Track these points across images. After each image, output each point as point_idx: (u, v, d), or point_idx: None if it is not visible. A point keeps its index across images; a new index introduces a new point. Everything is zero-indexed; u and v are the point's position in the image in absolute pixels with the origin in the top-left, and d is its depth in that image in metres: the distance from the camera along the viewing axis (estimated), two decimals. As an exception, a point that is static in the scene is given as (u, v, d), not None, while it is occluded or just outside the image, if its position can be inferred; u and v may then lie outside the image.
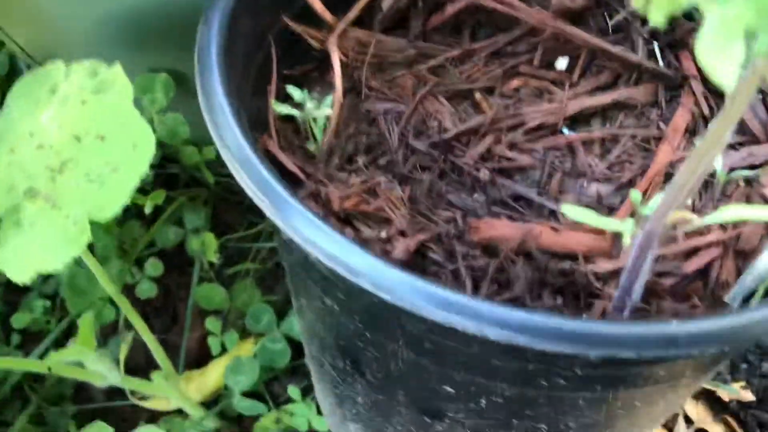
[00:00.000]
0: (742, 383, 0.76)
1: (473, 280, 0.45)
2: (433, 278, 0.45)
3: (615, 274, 0.45)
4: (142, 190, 0.84)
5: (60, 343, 0.82)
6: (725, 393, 0.76)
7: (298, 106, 0.49)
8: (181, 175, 0.90)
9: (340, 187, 0.49)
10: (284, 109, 0.49)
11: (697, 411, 0.76)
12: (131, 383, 0.66)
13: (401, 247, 0.46)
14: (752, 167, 0.50)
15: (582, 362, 0.36)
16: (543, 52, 0.58)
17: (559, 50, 0.58)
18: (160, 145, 0.76)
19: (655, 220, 0.39)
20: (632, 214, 0.43)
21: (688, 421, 0.76)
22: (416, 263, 0.47)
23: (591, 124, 0.55)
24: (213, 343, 0.81)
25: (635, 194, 0.42)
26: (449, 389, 0.44)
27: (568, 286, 0.46)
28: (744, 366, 0.78)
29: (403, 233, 0.47)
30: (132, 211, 0.88)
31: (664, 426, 0.75)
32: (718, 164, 0.46)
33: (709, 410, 0.76)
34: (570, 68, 0.58)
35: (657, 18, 0.25)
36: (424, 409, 0.49)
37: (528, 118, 0.55)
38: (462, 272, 0.46)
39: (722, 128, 0.34)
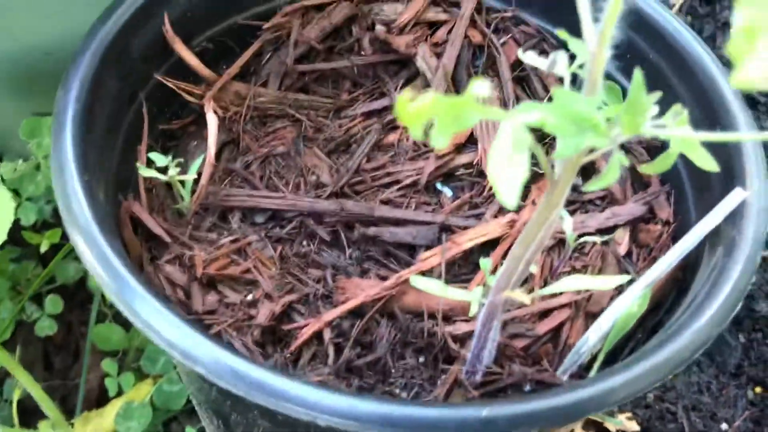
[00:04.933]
0: (628, 414, 0.79)
1: (335, 345, 0.46)
2: (291, 340, 0.46)
3: (472, 334, 0.46)
4: (42, 225, 0.83)
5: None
6: (612, 425, 0.78)
7: (164, 169, 0.49)
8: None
9: (208, 248, 0.49)
10: (149, 173, 0.49)
11: (587, 442, 0.79)
12: (16, 434, 0.65)
13: (265, 312, 0.47)
14: (615, 227, 0.52)
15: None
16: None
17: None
18: (49, 184, 0.75)
19: (494, 292, 0.40)
20: (484, 283, 0.45)
21: (579, 452, 0.78)
22: (282, 324, 0.47)
23: (462, 179, 0.57)
24: (110, 384, 0.80)
25: (484, 263, 0.43)
26: (310, 453, 0.45)
27: (428, 346, 0.47)
28: (631, 397, 0.80)
29: (269, 296, 0.48)
30: (29, 249, 0.86)
31: (555, 458, 0.77)
32: (569, 229, 0.48)
33: (598, 441, 0.79)
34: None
35: (441, 145, 0.26)
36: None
37: (402, 176, 0.56)
38: (325, 336, 0.46)
39: (546, 211, 0.36)
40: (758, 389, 0.81)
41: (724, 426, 0.80)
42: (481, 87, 0.26)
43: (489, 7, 0.61)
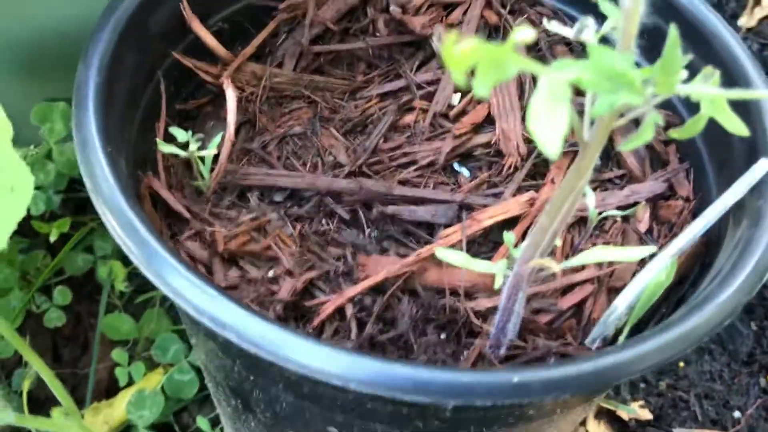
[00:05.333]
0: (641, 402, 0.79)
1: (358, 320, 0.46)
2: (313, 316, 0.46)
3: (494, 311, 0.46)
4: (50, 216, 0.82)
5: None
6: (624, 412, 0.78)
7: (185, 145, 0.49)
8: (89, 200, 0.88)
9: (228, 225, 0.49)
10: (169, 149, 0.48)
11: (599, 430, 0.78)
12: (28, 421, 0.64)
13: (287, 288, 0.46)
14: (635, 204, 0.52)
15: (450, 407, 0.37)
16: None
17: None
18: (70, 169, 0.74)
19: (521, 263, 0.40)
20: (508, 256, 0.45)
21: (592, 439, 0.78)
22: (304, 301, 0.47)
23: (480, 159, 0.56)
24: (120, 374, 0.79)
25: (508, 236, 0.43)
26: (333, 429, 0.45)
27: (450, 322, 0.47)
28: (642, 385, 0.80)
29: (290, 273, 0.48)
30: (39, 240, 0.86)
31: (568, 446, 0.77)
32: (591, 204, 0.47)
33: (610, 429, 0.79)
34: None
35: (482, 92, 0.26)
36: (313, 447, 0.49)
37: (419, 156, 0.55)
38: (347, 312, 0.46)
39: (575, 180, 0.36)
40: (771, 377, 0.81)
41: (737, 414, 0.79)
42: (524, 33, 0.25)
43: (504, -12, 0.61)
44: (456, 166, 0.57)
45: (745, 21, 1.05)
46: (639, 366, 0.36)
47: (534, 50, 0.61)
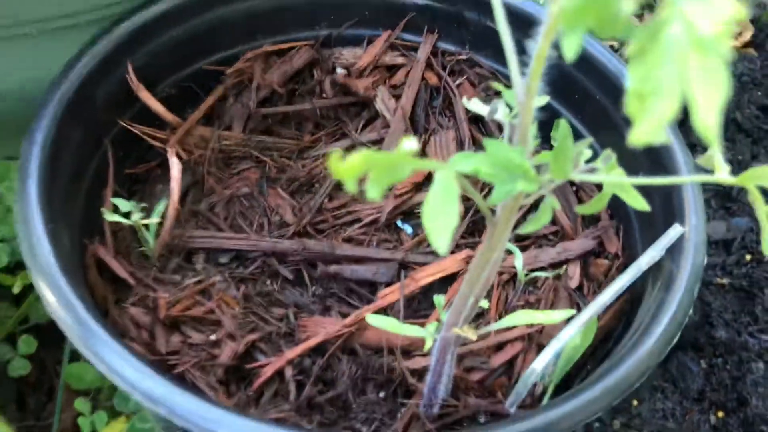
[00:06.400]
0: (596, 441, 0.81)
1: (297, 382, 0.48)
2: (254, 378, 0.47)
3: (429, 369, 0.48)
4: (15, 266, 0.83)
5: None
6: (580, 452, 0.80)
7: (127, 214, 0.51)
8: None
9: (172, 290, 0.51)
10: (113, 218, 0.50)
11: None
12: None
13: (228, 352, 0.48)
14: (566, 261, 0.54)
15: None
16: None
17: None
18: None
19: (446, 329, 0.42)
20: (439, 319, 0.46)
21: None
22: (245, 363, 0.48)
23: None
24: (83, 424, 0.80)
25: (438, 300, 0.45)
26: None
27: (388, 381, 0.49)
28: (597, 425, 0.82)
29: (232, 336, 0.49)
30: (2, 291, 0.87)
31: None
32: (519, 266, 0.49)
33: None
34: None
35: (375, 196, 0.28)
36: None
37: (363, 214, 0.57)
38: (287, 374, 0.48)
39: (488, 253, 0.38)
40: (720, 413, 0.83)
41: (688, 450, 0.81)
42: (410, 143, 0.28)
43: (444, 50, 0.64)
44: (399, 223, 0.59)
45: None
46: (553, 429, 0.37)
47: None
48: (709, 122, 0.20)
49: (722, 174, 0.33)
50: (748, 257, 0.88)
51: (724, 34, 0.20)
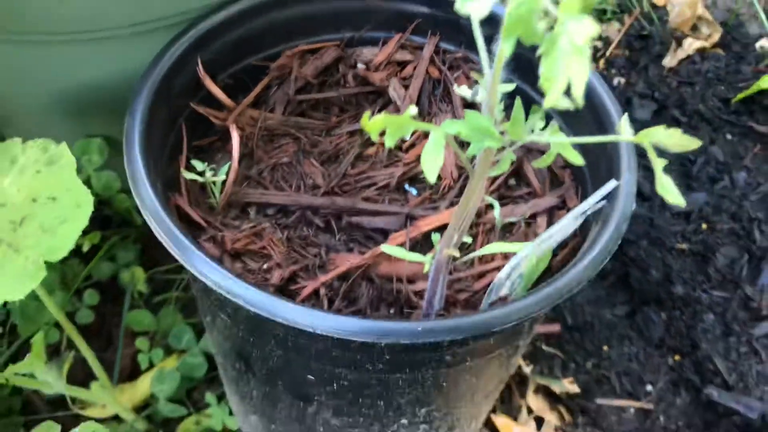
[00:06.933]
0: (570, 379, 0.96)
1: (329, 299, 0.63)
2: (296, 296, 0.63)
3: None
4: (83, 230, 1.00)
5: (10, 362, 0.96)
6: (557, 387, 0.95)
7: (202, 173, 0.67)
8: (114, 217, 1.06)
9: (233, 232, 0.67)
10: (190, 175, 0.66)
11: (537, 402, 0.95)
12: (74, 391, 0.81)
13: (277, 276, 0.64)
14: (535, 214, 0.70)
15: (386, 350, 0.54)
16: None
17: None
18: (105, 191, 0.92)
19: (440, 252, 0.57)
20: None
21: (530, 411, 0.95)
22: (289, 286, 0.64)
23: (424, 181, 0.74)
24: (142, 359, 0.96)
25: (435, 237, 0.61)
26: (310, 377, 0.62)
27: (397, 300, 0.64)
28: (572, 365, 0.97)
29: (279, 265, 0.65)
30: (72, 250, 1.03)
31: (510, 415, 0.94)
32: (497, 215, 0.65)
33: (546, 401, 0.96)
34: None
35: (390, 143, 0.44)
36: (297, 395, 0.66)
37: (378, 179, 0.73)
38: (321, 292, 0.64)
39: (469, 196, 0.53)
40: (677, 357, 0.98)
41: (648, 387, 0.97)
42: (413, 109, 0.43)
43: (444, 49, 0.79)
44: (406, 186, 0.74)
45: (668, 61, 1.23)
46: (507, 319, 0.53)
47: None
48: (579, 93, 0.36)
49: (626, 134, 0.49)
50: (704, 226, 1.03)
51: (588, 44, 0.35)
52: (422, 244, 0.70)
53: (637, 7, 1.28)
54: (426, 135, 0.77)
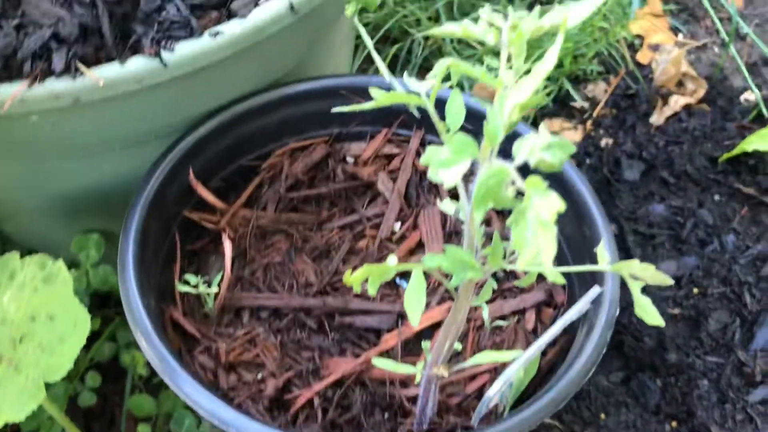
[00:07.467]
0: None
1: (322, 408, 0.65)
2: (291, 406, 0.64)
3: (420, 396, 0.65)
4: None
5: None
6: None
7: (195, 285, 0.68)
8: (113, 296, 1.07)
9: (227, 340, 0.68)
10: (184, 288, 0.67)
11: None
12: (76, 488, 0.82)
13: (271, 386, 0.65)
14: (524, 309, 0.71)
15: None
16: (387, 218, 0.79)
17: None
18: (102, 285, 0.93)
19: (429, 367, 0.59)
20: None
21: None
22: (284, 395, 0.65)
23: (414, 277, 0.76)
24: (144, 444, 0.97)
25: (425, 345, 0.62)
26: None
27: (390, 405, 0.66)
28: None
29: (273, 374, 0.66)
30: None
31: None
32: (486, 317, 0.67)
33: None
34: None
35: (372, 292, 0.45)
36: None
37: (368, 275, 0.75)
38: (315, 403, 0.65)
39: (455, 316, 0.55)
40: (674, 423, 0.99)
41: (647, 455, 0.97)
42: (391, 259, 0.45)
43: (430, 141, 0.81)
44: (397, 280, 0.76)
45: (655, 119, 1.25)
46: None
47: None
48: (547, 261, 0.37)
49: (604, 265, 0.50)
50: (695, 290, 1.04)
51: (554, 218, 0.37)
52: (414, 344, 0.71)
53: (622, 67, 1.30)
54: (415, 224, 0.79)
